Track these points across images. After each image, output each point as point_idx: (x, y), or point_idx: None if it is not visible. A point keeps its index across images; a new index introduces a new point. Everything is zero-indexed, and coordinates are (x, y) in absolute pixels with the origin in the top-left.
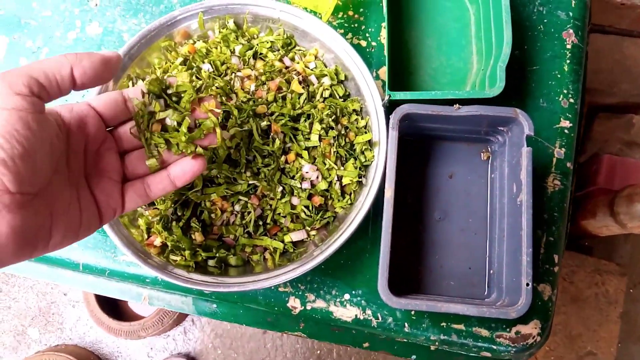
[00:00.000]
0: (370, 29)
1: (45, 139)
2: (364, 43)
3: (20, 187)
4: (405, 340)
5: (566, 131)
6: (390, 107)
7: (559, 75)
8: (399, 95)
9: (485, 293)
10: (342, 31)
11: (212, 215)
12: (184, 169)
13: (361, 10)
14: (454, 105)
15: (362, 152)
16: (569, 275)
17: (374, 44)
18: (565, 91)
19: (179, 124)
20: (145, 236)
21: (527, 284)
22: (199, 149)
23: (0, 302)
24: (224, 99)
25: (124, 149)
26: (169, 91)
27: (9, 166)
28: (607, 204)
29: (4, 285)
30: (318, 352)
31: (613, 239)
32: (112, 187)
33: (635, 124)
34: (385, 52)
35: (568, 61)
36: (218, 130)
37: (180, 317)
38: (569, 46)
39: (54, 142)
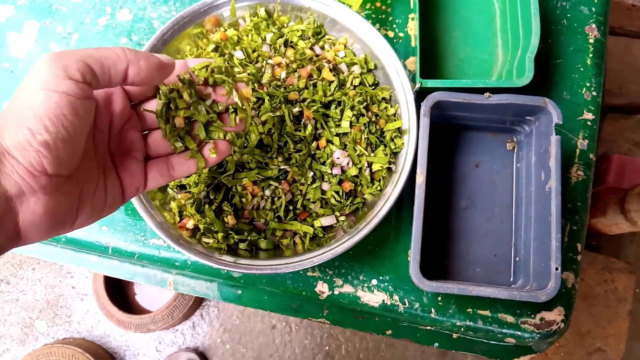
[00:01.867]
0: (397, 20)
1: (88, 123)
2: (391, 34)
3: (58, 169)
4: (429, 327)
5: (589, 123)
6: (418, 95)
7: (581, 69)
8: (431, 83)
9: (511, 279)
10: (370, 22)
11: (243, 200)
12: (206, 153)
13: (388, 1)
14: (485, 94)
15: (392, 140)
16: None
17: (401, 34)
18: (588, 84)
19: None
20: (178, 219)
21: (557, 269)
22: (229, 135)
23: (9, 295)
24: (255, 85)
25: (148, 127)
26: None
27: (51, 149)
28: (618, 202)
29: (12, 278)
30: (327, 348)
31: (619, 239)
32: (136, 166)
33: None
34: (416, 42)
35: (591, 55)
36: (249, 119)
37: (190, 311)
38: (591, 40)
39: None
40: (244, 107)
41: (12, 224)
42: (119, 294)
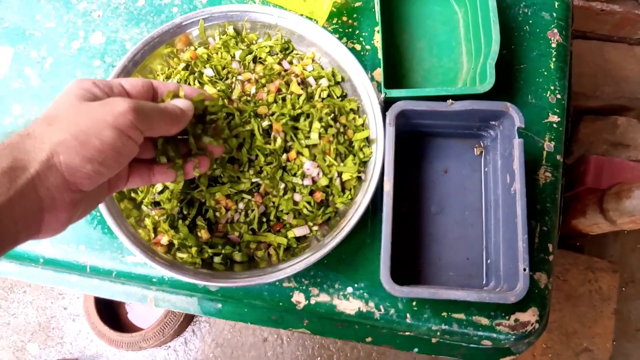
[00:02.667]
0: (364, 34)
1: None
2: (358, 47)
3: (91, 188)
4: (407, 333)
5: (555, 125)
6: (386, 105)
7: (545, 73)
8: (395, 92)
9: (484, 282)
10: (337, 36)
11: (217, 214)
12: (188, 168)
13: (354, 15)
14: (447, 101)
15: (361, 149)
16: (562, 273)
17: (367, 47)
18: (552, 87)
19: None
20: (152, 235)
21: (524, 269)
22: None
23: (0, 319)
24: (225, 101)
25: None
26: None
27: (99, 178)
28: (597, 202)
29: (2, 302)
30: (319, 359)
31: (603, 238)
32: (123, 169)
33: (619, 125)
34: (380, 54)
35: (554, 59)
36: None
37: (181, 327)
38: (554, 45)
39: None
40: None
41: (35, 228)
42: (111, 313)
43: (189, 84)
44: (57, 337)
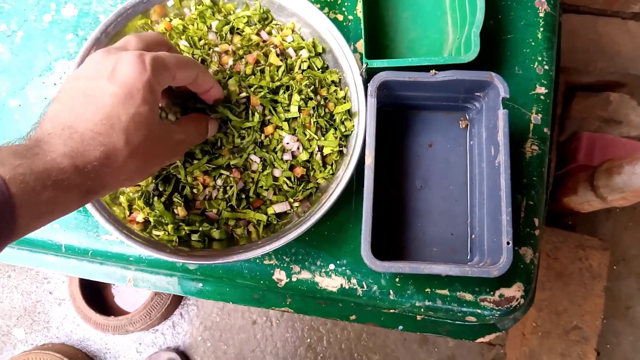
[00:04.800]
0: (346, 3)
1: None
2: (340, 17)
3: None
4: (391, 310)
5: (542, 97)
6: (368, 77)
7: (533, 43)
8: (376, 63)
9: (468, 257)
10: (318, 6)
11: (194, 191)
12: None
13: None
14: (431, 71)
15: (342, 122)
16: (552, 251)
17: (350, 17)
18: (539, 58)
19: None
20: (127, 213)
21: (508, 243)
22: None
23: None
24: None
25: None
26: None
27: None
28: (588, 179)
29: None
30: (308, 340)
31: (595, 216)
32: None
33: (612, 101)
34: (362, 24)
35: (541, 29)
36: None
37: (169, 311)
38: (541, 14)
39: None
40: None
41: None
42: (97, 297)
43: None
44: (43, 321)
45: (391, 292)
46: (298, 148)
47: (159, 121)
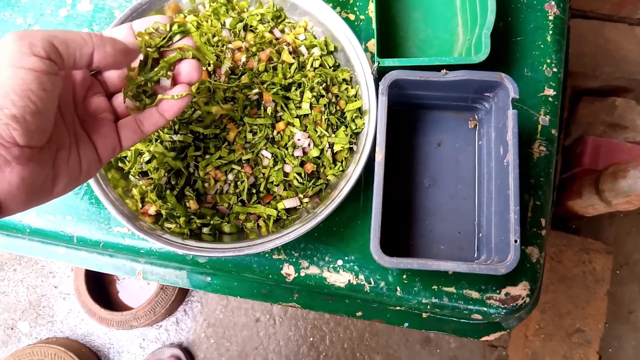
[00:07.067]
0: (358, 3)
1: (55, 97)
2: (352, 17)
3: (29, 141)
4: (397, 307)
5: (550, 99)
6: (379, 76)
7: (542, 46)
8: (388, 62)
9: (475, 255)
10: (330, 5)
11: (206, 185)
12: (170, 103)
13: None
14: (442, 71)
15: (353, 120)
16: (556, 254)
17: (362, 17)
18: (548, 61)
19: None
20: (140, 205)
21: (515, 241)
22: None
23: None
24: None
25: (111, 92)
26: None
27: (20, 122)
28: (593, 182)
29: None
30: (311, 339)
31: (598, 221)
32: (107, 128)
33: (618, 106)
34: (374, 23)
35: (551, 32)
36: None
37: (173, 307)
38: (551, 17)
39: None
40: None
41: None
42: (102, 291)
43: None
44: (47, 315)
45: (398, 288)
46: (309, 144)
47: None
